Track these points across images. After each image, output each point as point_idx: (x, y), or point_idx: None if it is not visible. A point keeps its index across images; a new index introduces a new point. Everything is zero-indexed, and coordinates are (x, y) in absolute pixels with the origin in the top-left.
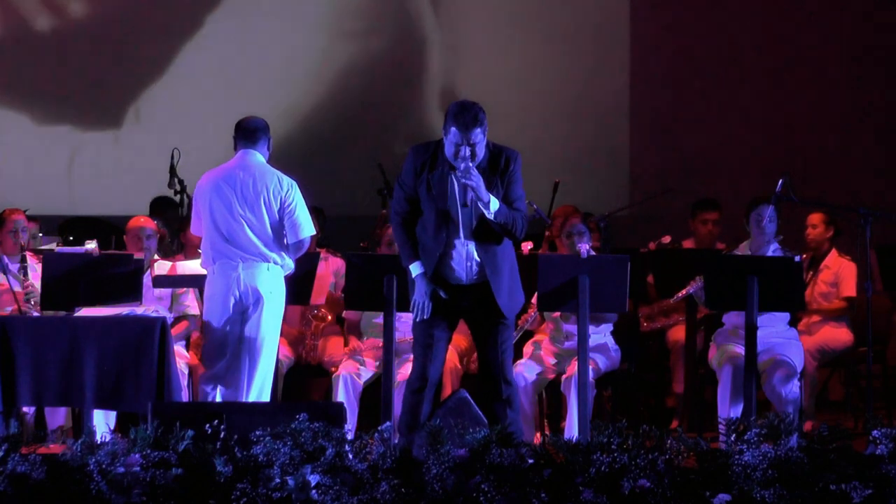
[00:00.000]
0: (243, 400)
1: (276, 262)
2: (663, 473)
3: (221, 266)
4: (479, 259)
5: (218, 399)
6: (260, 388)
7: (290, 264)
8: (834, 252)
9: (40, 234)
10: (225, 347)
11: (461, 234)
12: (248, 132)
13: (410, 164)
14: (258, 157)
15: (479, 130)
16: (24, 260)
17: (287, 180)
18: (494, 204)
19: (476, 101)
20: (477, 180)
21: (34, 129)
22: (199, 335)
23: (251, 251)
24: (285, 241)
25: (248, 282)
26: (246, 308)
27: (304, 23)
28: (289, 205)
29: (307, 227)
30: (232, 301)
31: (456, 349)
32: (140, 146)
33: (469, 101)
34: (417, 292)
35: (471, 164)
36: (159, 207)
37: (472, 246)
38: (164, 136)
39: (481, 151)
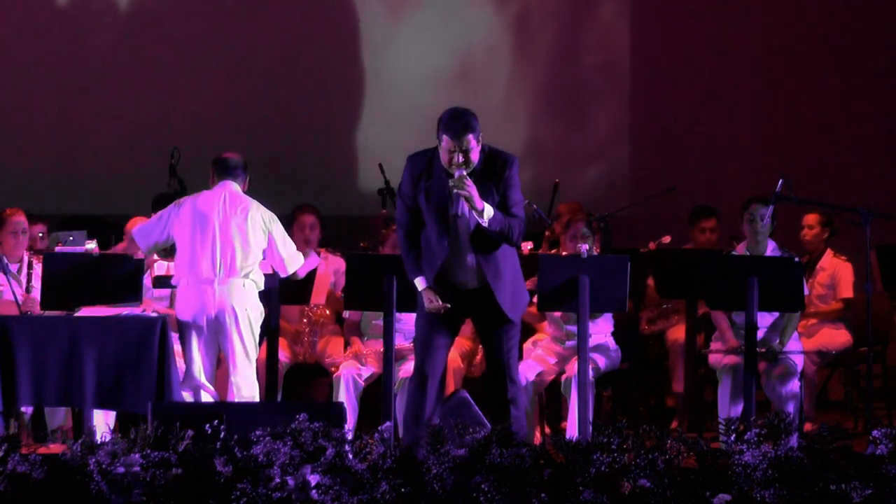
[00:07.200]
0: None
1: (252, 279)
2: (663, 473)
3: (197, 283)
4: (479, 264)
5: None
6: (251, 387)
7: (261, 282)
8: (829, 253)
9: (40, 235)
10: (205, 360)
11: (461, 240)
12: (227, 168)
13: (408, 174)
14: (237, 187)
15: (471, 137)
16: (30, 266)
17: (268, 214)
18: (488, 212)
19: (475, 98)
20: (470, 189)
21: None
22: None
23: (229, 274)
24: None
25: (222, 298)
26: (222, 325)
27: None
28: (273, 243)
29: (294, 261)
30: (206, 319)
31: (459, 351)
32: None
33: (461, 108)
34: (426, 298)
35: (464, 173)
36: (161, 205)
37: (472, 252)
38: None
39: (475, 157)
